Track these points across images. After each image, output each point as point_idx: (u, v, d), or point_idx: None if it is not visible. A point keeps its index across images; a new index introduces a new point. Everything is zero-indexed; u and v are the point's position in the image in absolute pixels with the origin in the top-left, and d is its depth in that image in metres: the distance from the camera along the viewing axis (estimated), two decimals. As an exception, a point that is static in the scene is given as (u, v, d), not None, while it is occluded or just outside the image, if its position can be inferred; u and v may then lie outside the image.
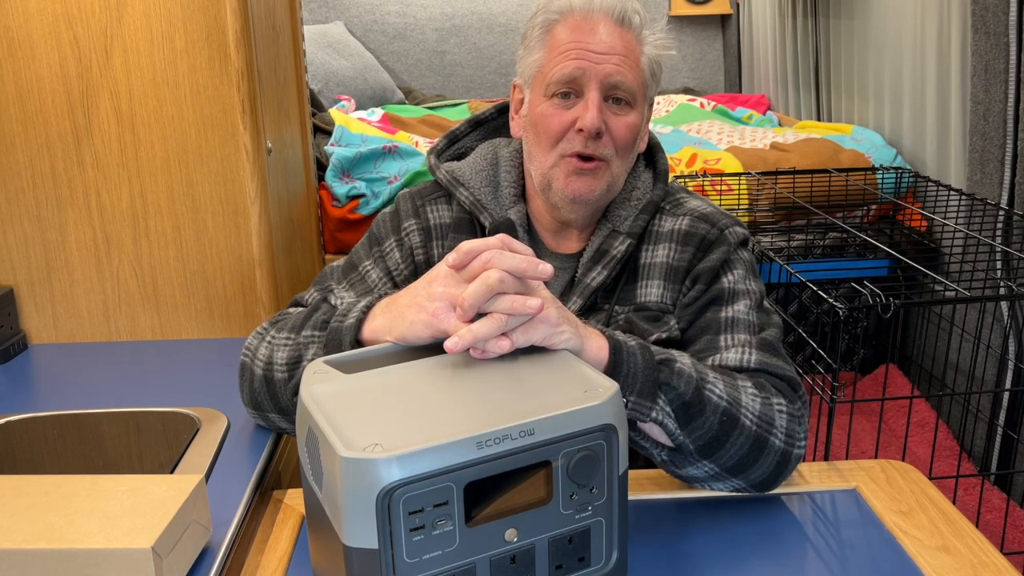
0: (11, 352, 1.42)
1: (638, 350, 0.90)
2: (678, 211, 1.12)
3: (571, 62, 1.03)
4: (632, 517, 0.98)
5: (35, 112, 1.39)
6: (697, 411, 0.90)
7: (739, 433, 0.92)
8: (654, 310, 1.07)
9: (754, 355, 1.00)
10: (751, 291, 1.07)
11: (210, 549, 0.86)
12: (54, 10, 1.35)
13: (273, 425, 1.06)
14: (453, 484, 0.65)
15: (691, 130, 3.01)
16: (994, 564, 0.88)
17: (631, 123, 1.05)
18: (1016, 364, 1.90)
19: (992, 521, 1.76)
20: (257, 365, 1.02)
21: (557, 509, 0.70)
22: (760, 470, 0.95)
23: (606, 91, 1.04)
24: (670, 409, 0.89)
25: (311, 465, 0.73)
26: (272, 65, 1.57)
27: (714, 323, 1.04)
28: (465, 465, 0.65)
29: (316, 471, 0.71)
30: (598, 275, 1.08)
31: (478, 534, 0.67)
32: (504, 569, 0.69)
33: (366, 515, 0.64)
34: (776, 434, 0.95)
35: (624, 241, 1.08)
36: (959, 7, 2.21)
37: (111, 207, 1.44)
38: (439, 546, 0.66)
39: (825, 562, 0.89)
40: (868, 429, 2.18)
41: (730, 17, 4.30)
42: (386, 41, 4.34)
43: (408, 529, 0.65)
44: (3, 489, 0.82)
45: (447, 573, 0.67)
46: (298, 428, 0.76)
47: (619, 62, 1.03)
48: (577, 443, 0.69)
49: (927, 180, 2.33)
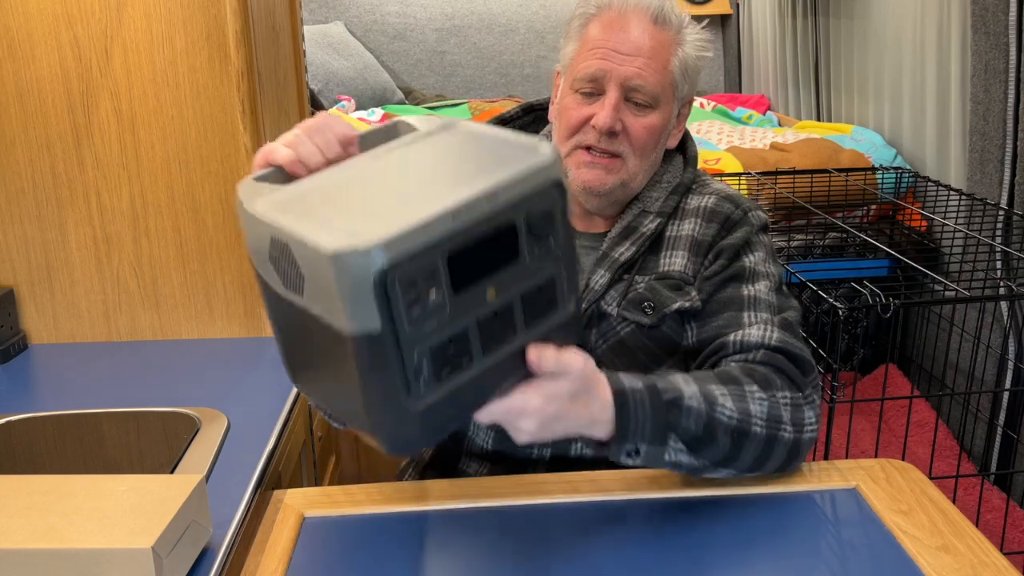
0: (11, 352, 1.42)
1: (646, 395, 0.90)
2: (705, 191, 1.16)
3: (596, 61, 1.07)
4: (632, 516, 0.98)
5: (35, 112, 1.39)
6: (709, 439, 0.93)
7: (751, 441, 0.95)
8: (677, 279, 1.10)
9: (776, 333, 1.03)
10: (771, 273, 1.10)
11: (210, 549, 0.86)
12: (54, 10, 1.35)
13: None
14: (438, 256, 0.69)
15: (691, 130, 3.02)
16: (994, 564, 0.88)
17: (650, 124, 1.09)
18: (1016, 364, 1.90)
19: (992, 521, 1.76)
20: None
21: (525, 264, 0.76)
22: (774, 462, 0.99)
23: (626, 92, 1.07)
24: (682, 446, 0.91)
25: (284, 276, 0.73)
26: (272, 65, 1.57)
27: (736, 299, 1.08)
28: (446, 237, 0.69)
29: (292, 280, 0.72)
30: (626, 250, 1.11)
31: (464, 300, 0.72)
32: (490, 326, 0.74)
33: (365, 302, 0.67)
34: (784, 428, 0.98)
35: (654, 220, 1.13)
36: (959, 7, 2.21)
37: (111, 207, 1.44)
38: (434, 316, 0.70)
39: (825, 562, 0.89)
40: (868, 429, 2.18)
41: (730, 17, 4.30)
42: (386, 41, 4.34)
43: (406, 306, 0.69)
44: (3, 489, 0.82)
45: (443, 341, 0.71)
46: (253, 246, 0.77)
47: (642, 65, 1.06)
48: (535, 200, 0.74)
49: (927, 180, 2.33)
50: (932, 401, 2.18)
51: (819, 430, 1.03)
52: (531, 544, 0.93)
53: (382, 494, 1.04)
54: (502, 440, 1.16)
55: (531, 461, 1.16)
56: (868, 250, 2.29)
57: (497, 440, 1.17)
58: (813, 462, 1.10)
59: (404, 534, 0.96)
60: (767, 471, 1.00)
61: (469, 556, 0.92)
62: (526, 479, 1.07)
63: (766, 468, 0.99)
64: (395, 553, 0.93)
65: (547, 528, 0.96)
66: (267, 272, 0.76)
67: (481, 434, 1.18)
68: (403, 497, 1.03)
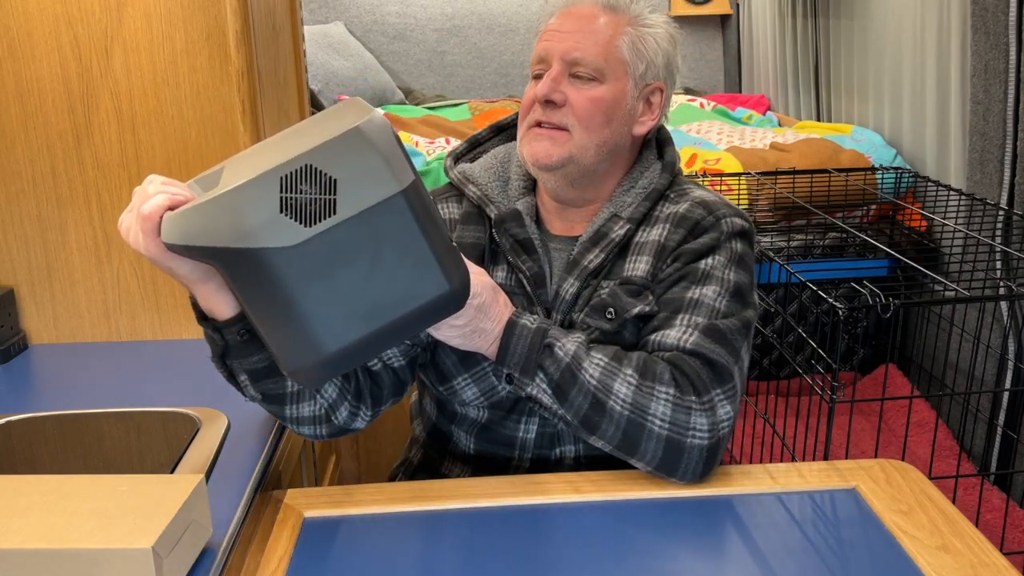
0: (11, 352, 1.42)
1: (531, 335, 1.02)
2: (681, 199, 1.16)
3: (542, 44, 1.12)
4: (632, 516, 0.98)
5: (35, 112, 1.39)
6: (569, 392, 1.02)
7: (609, 416, 1.01)
8: (638, 284, 1.10)
9: (693, 336, 1.04)
10: (726, 279, 1.09)
11: (210, 549, 0.86)
12: (54, 10, 1.35)
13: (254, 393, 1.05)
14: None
15: (691, 130, 3.01)
16: (994, 564, 0.88)
17: (594, 96, 1.10)
18: (1016, 364, 1.90)
19: (992, 521, 1.76)
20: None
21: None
22: (648, 454, 1.01)
23: (569, 68, 1.10)
24: (547, 387, 1.02)
25: (305, 210, 0.78)
26: (272, 65, 1.56)
27: (677, 301, 1.08)
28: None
29: (317, 205, 0.78)
30: (595, 257, 1.12)
31: None
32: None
33: (396, 154, 0.80)
34: (652, 420, 0.99)
35: (624, 226, 1.12)
36: (959, 7, 2.21)
37: (111, 207, 1.44)
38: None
39: (825, 562, 0.89)
40: (868, 429, 2.18)
41: (730, 17, 4.30)
42: (386, 41, 4.34)
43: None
44: (3, 489, 0.82)
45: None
46: (241, 228, 0.79)
47: (580, 38, 1.10)
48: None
49: (927, 180, 2.33)
50: (932, 401, 2.18)
51: (717, 441, 1.00)
52: (531, 544, 0.93)
53: (382, 494, 1.04)
54: (483, 443, 1.17)
55: (512, 465, 1.16)
56: (868, 250, 2.29)
57: (479, 443, 1.17)
58: (813, 462, 1.10)
59: (404, 534, 0.96)
60: (647, 463, 1.02)
61: (469, 556, 0.92)
62: (526, 479, 1.07)
63: (644, 457, 1.01)
64: (395, 553, 0.93)
65: (547, 528, 0.96)
66: (274, 234, 0.77)
67: (464, 438, 1.19)
68: (403, 497, 1.03)
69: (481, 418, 1.16)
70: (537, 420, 1.13)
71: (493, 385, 1.13)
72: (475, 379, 1.13)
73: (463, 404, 1.16)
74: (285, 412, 1.03)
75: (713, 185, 2.37)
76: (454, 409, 1.18)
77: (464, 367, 1.13)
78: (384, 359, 1.11)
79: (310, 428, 1.06)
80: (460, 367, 1.13)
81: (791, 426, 1.89)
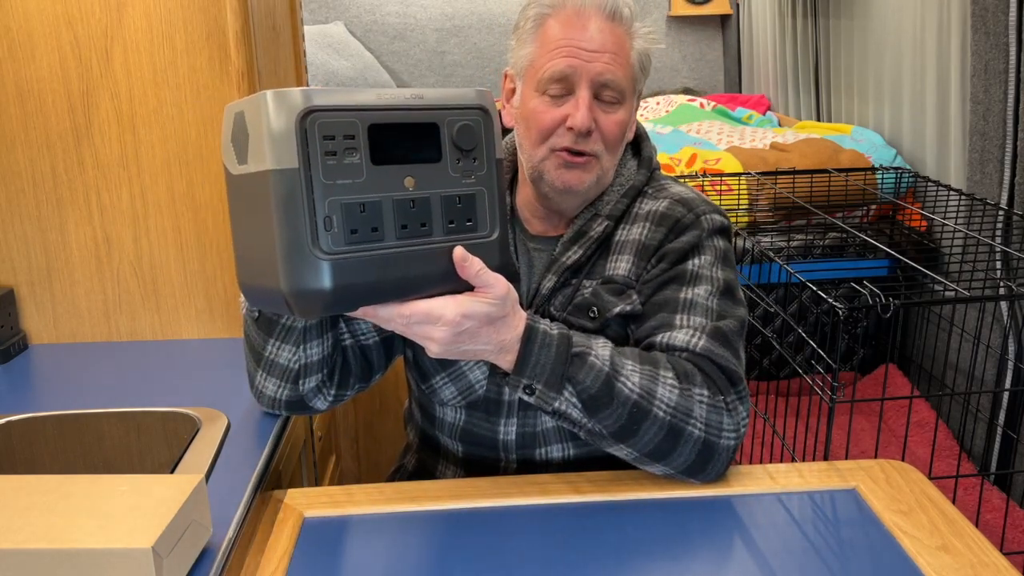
0: (11, 352, 1.42)
1: (556, 340, 0.95)
2: (660, 195, 1.14)
3: (562, 60, 1.05)
4: (628, 517, 0.98)
5: (35, 112, 1.39)
6: (605, 403, 0.95)
7: (651, 423, 0.96)
8: (620, 283, 1.09)
9: (703, 340, 1.02)
10: (715, 278, 1.08)
11: (210, 549, 0.86)
12: (54, 10, 1.35)
13: (269, 397, 1.07)
14: (358, 121, 0.79)
15: (691, 130, 3.01)
16: (994, 564, 0.88)
17: (620, 120, 1.08)
18: (1016, 364, 1.90)
19: (992, 521, 1.76)
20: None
21: (446, 169, 0.84)
22: (681, 458, 0.98)
23: (596, 89, 1.06)
24: (576, 400, 0.95)
25: (239, 150, 0.82)
26: (272, 65, 1.56)
27: (671, 302, 1.06)
28: (368, 107, 0.79)
29: (242, 149, 0.81)
30: (574, 254, 1.11)
31: (382, 174, 0.80)
32: (406, 212, 0.82)
33: (286, 141, 0.76)
34: (694, 424, 0.97)
35: (603, 223, 1.11)
36: (959, 7, 2.21)
37: (111, 207, 1.44)
38: (349, 175, 0.79)
39: (825, 562, 0.89)
40: (868, 429, 2.18)
41: (730, 17, 4.30)
42: (386, 41, 4.34)
43: (323, 152, 0.77)
44: (3, 489, 0.82)
45: (357, 202, 0.79)
46: (226, 131, 0.85)
47: (609, 60, 1.05)
48: (459, 114, 0.85)
49: (927, 180, 2.33)
50: (932, 401, 2.18)
51: (740, 441, 1.01)
52: (532, 544, 0.93)
53: (382, 494, 1.04)
54: (468, 446, 1.17)
55: (500, 468, 1.16)
56: (868, 250, 2.29)
57: (464, 447, 1.17)
58: (813, 462, 1.10)
59: (404, 534, 0.96)
60: (674, 466, 0.99)
61: (469, 556, 0.92)
62: (527, 479, 1.07)
63: (673, 462, 0.98)
64: (395, 553, 0.93)
65: (547, 528, 0.96)
66: (230, 159, 0.84)
67: (450, 443, 1.19)
68: (403, 497, 1.03)
69: (459, 420, 1.16)
70: (516, 421, 1.12)
71: (470, 384, 1.12)
72: (452, 378, 1.13)
73: (442, 404, 1.16)
74: (267, 346, 1.02)
75: (713, 185, 2.37)
76: (434, 412, 1.19)
77: (442, 365, 1.13)
78: (357, 334, 1.10)
79: (275, 384, 1.05)
80: (438, 365, 1.13)
81: (791, 426, 1.89)
